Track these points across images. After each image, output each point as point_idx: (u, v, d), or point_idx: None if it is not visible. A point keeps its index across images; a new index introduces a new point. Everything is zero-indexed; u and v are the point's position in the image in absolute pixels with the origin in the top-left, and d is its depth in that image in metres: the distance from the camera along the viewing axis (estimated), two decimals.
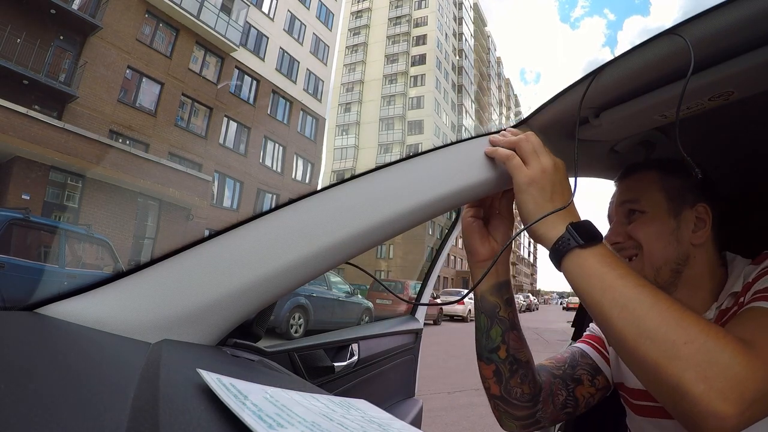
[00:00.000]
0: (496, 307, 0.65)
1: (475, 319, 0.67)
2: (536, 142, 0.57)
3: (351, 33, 42.83)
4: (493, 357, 0.65)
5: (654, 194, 0.65)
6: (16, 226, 5.15)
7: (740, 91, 0.51)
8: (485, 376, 0.67)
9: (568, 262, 0.51)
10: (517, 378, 0.65)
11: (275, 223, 0.53)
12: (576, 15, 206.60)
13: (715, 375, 0.41)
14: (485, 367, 0.67)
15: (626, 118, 0.60)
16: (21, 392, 0.24)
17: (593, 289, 0.48)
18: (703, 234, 0.64)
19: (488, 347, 0.65)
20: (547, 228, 0.54)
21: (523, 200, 0.55)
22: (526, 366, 0.66)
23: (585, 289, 0.49)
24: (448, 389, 4.92)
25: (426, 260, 1.94)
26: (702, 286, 0.65)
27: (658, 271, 0.64)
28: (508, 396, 0.66)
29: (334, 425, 0.30)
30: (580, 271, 0.50)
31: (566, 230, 0.52)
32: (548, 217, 0.53)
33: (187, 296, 0.48)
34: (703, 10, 0.45)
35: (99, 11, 12.90)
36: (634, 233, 0.65)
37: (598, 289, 0.48)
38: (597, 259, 0.50)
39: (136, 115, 13.97)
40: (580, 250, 0.51)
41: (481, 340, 0.66)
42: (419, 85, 39.92)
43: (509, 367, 0.65)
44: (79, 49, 12.62)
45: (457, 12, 46.63)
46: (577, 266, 0.50)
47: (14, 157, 10.36)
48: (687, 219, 0.64)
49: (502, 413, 0.69)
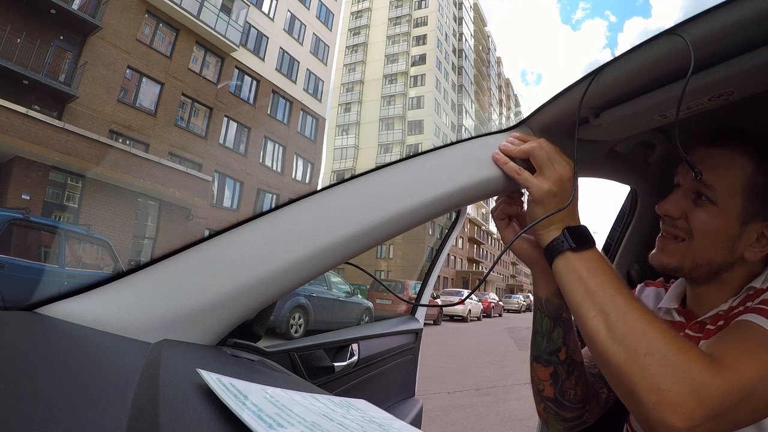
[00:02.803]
0: (560, 309, 0.64)
1: (534, 322, 0.66)
2: (550, 149, 0.57)
3: (351, 33, 42.83)
4: (553, 359, 0.65)
5: (734, 190, 0.58)
6: (16, 226, 5.15)
7: (740, 91, 0.51)
8: (541, 378, 0.66)
9: (559, 262, 0.55)
10: (572, 379, 0.65)
11: (275, 223, 0.53)
12: (577, 17, 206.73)
13: (668, 388, 0.42)
14: (543, 369, 0.66)
15: (626, 118, 0.60)
16: (21, 392, 0.24)
17: (576, 291, 0.52)
18: (760, 252, 0.59)
19: (549, 349, 0.65)
20: (545, 229, 0.57)
21: (535, 211, 0.57)
22: (580, 367, 0.66)
23: (568, 289, 0.53)
24: (448, 389, 4.92)
25: (426, 260, 1.95)
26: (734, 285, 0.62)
27: (697, 267, 0.61)
28: (561, 398, 0.66)
29: (334, 425, 0.30)
30: (567, 273, 0.54)
31: (561, 233, 0.56)
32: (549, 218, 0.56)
33: (187, 296, 0.48)
34: (703, 10, 0.45)
35: (99, 11, 12.89)
36: (693, 220, 0.60)
37: (580, 291, 0.52)
38: (584, 264, 0.53)
39: (136, 115, 13.96)
40: (571, 253, 0.54)
41: (542, 343, 0.65)
42: (419, 85, 39.92)
43: (567, 368, 0.65)
44: (79, 49, 12.62)
45: (457, 12, 46.63)
46: (565, 267, 0.54)
47: (14, 157, 10.36)
48: (752, 231, 0.58)
49: (552, 415, 0.68)
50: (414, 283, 11.55)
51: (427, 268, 1.61)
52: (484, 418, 3.92)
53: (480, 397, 4.66)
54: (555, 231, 0.56)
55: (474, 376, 5.76)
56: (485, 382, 5.42)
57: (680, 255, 0.62)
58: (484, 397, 4.66)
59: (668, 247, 0.63)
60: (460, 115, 44.90)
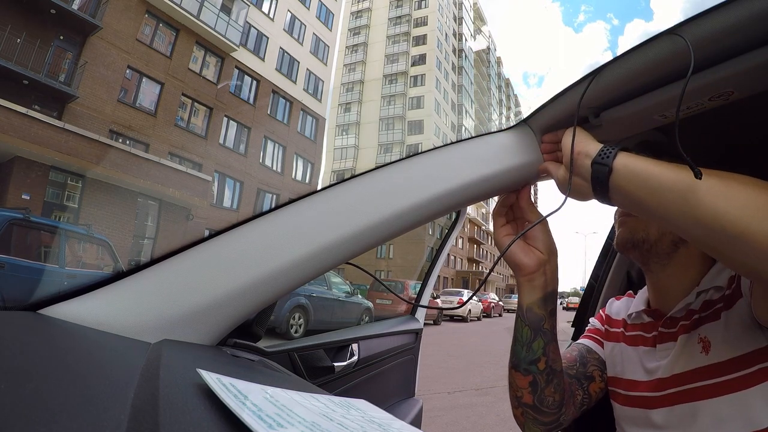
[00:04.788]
0: (541, 320, 0.63)
1: (515, 330, 0.65)
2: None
3: (351, 33, 42.81)
4: (532, 368, 0.64)
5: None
6: (16, 226, 5.15)
7: (740, 91, 0.51)
8: (520, 386, 0.66)
9: (620, 165, 0.48)
10: (551, 387, 0.65)
11: (275, 223, 0.53)
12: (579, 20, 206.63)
13: None
14: (522, 378, 0.65)
15: (626, 118, 0.60)
16: (21, 392, 0.24)
17: (661, 174, 0.45)
18: None
19: (528, 359, 0.64)
20: (581, 159, 0.52)
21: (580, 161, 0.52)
22: (559, 375, 0.66)
23: (650, 178, 0.46)
24: (448, 389, 4.92)
25: (426, 260, 1.95)
26: (692, 266, 0.66)
27: (661, 236, 0.65)
28: (540, 405, 0.66)
29: (334, 425, 0.30)
30: (638, 166, 0.47)
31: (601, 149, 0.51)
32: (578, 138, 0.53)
33: (187, 296, 0.48)
34: (703, 10, 0.45)
35: (99, 11, 12.89)
36: None
37: (666, 173, 0.45)
38: (641, 158, 0.48)
39: (136, 115, 13.95)
40: (625, 153, 0.49)
41: (521, 352, 0.64)
42: (419, 85, 39.90)
43: (546, 377, 0.64)
44: (79, 49, 12.61)
45: (457, 12, 46.62)
46: (632, 165, 0.48)
47: (14, 157, 10.35)
48: None
49: (530, 420, 0.68)
50: (414, 283, 11.55)
51: (427, 268, 1.61)
52: (484, 418, 3.91)
53: (480, 397, 4.66)
54: (593, 144, 0.52)
55: (474, 376, 5.76)
56: (485, 382, 5.42)
57: (642, 227, 0.65)
58: (484, 397, 4.66)
59: (628, 223, 0.67)
60: (460, 115, 44.88)
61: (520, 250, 0.62)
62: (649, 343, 0.69)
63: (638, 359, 0.69)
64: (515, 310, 0.67)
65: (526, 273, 0.62)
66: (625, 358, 0.72)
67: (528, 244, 0.63)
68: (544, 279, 0.62)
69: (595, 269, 1.36)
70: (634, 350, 0.71)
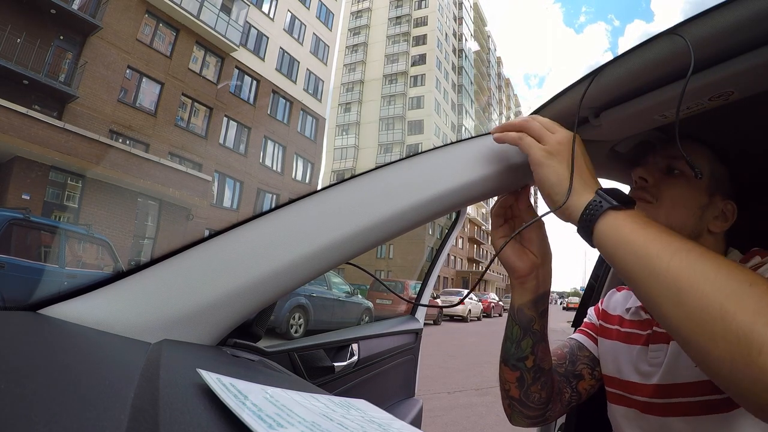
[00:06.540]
0: (531, 320, 0.63)
1: (506, 327, 0.66)
2: (544, 120, 0.56)
3: (351, 33, 42.81)
4: (520, 365, 0.65)
5: (702, 166, 0.64)
6: (16, 226, 5.15)
7: (740, 91, 0.51)
8: (507, 380, 0.67)
9: (603, 225, 0.47)
10: (538, 385, 0.66)
11: (275, 223, 0.53)
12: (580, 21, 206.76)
13: None
14: (510, 372, 0.66)
15: (626, 118, 0.60)
16: (21, 392, 0.24)
17: (635, 242, 0.44)
18: (721, 226, 0.65)
19: (517, 356, 0.65)
20: (573, 198, 0.50)
21: (544, 175, 0.52)
22: (548, 374, 0.67)
23: (626, 245, 0.45)
24: (448, 389, 4.92)
25: (426, 260, 1.95)
26: None
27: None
28: (526, 400, 0.67)
29: (334, 425, 0.30)
30: (618, 232, 0.46)
31: (596, 194, 0.49)
32: (573, 187, 0.51)
33: (187, 296, 0.48)
34: (703, 10, 0.46)
35: (99, 11, 12.89)
36: (667, 187, 0.64)
37: (642, 241, 0.43)
38: (633, 220, 0.46)
39: (136, 115, 13.96)
40: (615, 212, 0.47)
41: (510, 349, 0.65)
42: (419, 85, 39.90)
43: (533, 375, 0.65)
44: (79, 49, 12.62)
45: (457, 12, 46.62)
46: (613, 228, 0.46)
47: (14, 157, 10.36)
48: (715, 205, 0.65)
49: (516, 412, 0.70)
50: (414, 283, 11.54)
51: (427, 268, 1.61)
52: (484, 418, 3.91)
53: (480, 397, 4.66)
54: (586, 195, 0.50)
55: (474, 376, 5.76)
56: (485, 382, 5.42)
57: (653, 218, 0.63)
58: (484, 397, 4.66)
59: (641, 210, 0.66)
60: (460, 115, 44.88)
61: (513, 253, 0.62)
62: (642, 342, 0.68)
63: (632, 359, 0.69)
64: None
65: (519, 276, 0.62)
66: (620, 358, 0.72)
67: (523, 246, 0.63)
68: (536, 282, 0.62)
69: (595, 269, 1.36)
70: (628, 349, 0.71)
